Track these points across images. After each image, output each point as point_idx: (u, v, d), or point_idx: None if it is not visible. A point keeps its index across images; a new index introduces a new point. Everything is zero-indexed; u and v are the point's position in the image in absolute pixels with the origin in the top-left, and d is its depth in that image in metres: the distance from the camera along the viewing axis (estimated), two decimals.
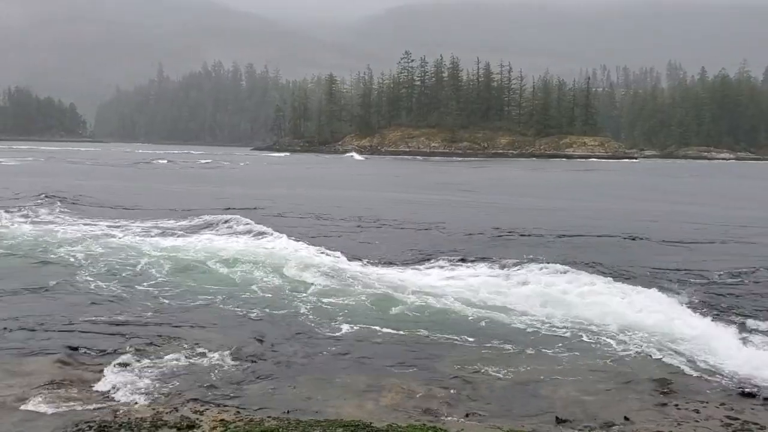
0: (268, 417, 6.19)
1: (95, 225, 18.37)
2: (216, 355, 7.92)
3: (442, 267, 13.23)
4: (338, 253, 14.17)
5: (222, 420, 6.06)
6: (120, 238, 16.17)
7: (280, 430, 5.86)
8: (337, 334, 8.92)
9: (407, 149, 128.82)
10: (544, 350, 8.53)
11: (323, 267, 12.77)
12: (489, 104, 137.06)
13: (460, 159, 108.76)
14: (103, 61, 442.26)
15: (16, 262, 13.46)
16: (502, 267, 12.75)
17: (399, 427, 6.08)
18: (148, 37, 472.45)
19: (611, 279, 11.55)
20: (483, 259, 13.52)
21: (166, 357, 7.76)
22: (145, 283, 11.69)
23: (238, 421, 6.06)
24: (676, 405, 6.84)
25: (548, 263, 12.51)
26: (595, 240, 17.01)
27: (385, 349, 8.34)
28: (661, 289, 10.89)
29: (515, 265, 12.76)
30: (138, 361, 7.57)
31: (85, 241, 15.63)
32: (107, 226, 18.12)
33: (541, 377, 7.55)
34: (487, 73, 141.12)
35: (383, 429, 6.01)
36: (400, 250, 15.33)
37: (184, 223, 18.87)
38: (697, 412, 6.67)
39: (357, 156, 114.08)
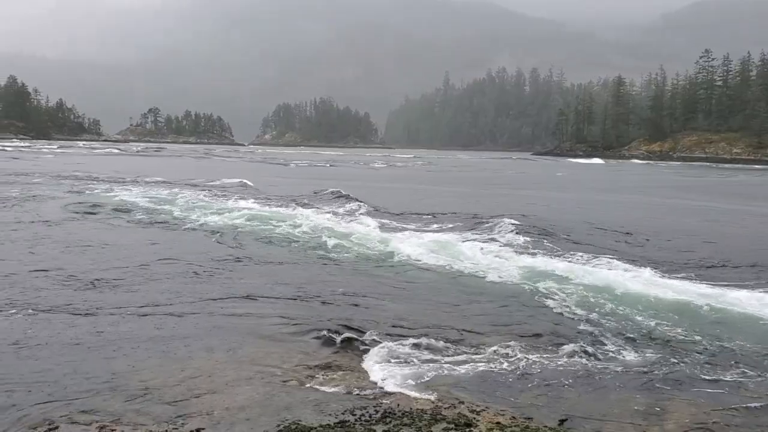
0: (544, 426, 5.96)
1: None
2: (495, 356, 7.83)
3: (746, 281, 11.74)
4: (640, 267, 13.30)
5: (498, 423, 5.97)
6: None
7: None
8: (614, 347, 8.34)
9: (703, 155, 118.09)
10: None
11: (632, 284, 11.90)
12: None
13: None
14: (394, 71, 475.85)
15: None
16: None
17: None
18: (437, 48, 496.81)
19: None
20: None
21: (446, 352, 7.87)
22: (451, 285, 11.94)
23: (514, 426, 5.92)
24: None
25: None
26: None
27: (672, 368, 7.59)
28: None
29: None
30: (416, 353, 7.77)
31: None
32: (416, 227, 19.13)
33: None
34: None
35: None
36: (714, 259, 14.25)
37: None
38: None
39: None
